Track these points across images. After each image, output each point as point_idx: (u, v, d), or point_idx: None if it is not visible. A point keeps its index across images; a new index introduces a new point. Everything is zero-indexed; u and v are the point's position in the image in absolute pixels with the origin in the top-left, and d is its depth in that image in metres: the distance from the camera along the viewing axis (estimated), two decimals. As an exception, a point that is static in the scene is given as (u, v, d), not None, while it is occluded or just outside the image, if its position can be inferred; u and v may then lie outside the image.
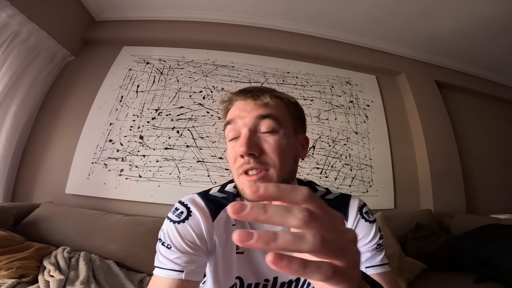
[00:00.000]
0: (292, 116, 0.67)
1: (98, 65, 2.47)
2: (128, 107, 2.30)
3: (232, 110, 0.66)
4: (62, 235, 1.61)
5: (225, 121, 0.66)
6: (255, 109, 0.62)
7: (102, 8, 2.56)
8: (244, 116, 0.62)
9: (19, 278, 1.20)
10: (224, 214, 0.68)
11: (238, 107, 0.65)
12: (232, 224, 0.68)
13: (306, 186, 0.75)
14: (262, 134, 0.61)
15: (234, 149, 0.62)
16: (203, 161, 2.20)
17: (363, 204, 0.73)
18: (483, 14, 2.31)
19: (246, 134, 0.59)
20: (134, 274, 1.52)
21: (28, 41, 2.01)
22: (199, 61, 2.56)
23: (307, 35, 2.77)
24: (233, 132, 0.63)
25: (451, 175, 2.57)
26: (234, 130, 0.63)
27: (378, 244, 0.68)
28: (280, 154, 0.60)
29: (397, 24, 2.56)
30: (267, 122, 0.61)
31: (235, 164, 0.62)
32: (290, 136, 0.64)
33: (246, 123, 0.61)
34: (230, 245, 0.67)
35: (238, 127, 0.63)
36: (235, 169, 0.62)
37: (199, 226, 0.64)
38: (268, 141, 0.60)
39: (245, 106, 0.63)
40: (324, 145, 2.44)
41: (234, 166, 0.62)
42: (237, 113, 0.63)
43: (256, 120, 0.61)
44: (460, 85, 3.06)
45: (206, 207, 0.67)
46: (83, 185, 2.06)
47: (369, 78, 2.85)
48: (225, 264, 0.67)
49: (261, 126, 0.61)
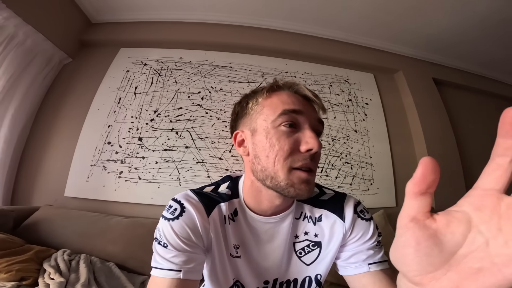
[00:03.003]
0: None
1: (95, 67, 2.46)
2: (126, 109, 2.29)
3: (291, 98, 0.63)
4: (62, 238, 1.60)
5: (289, 108, 0.60)
6: (317, 110, 0.65)
7: (98, 10, 2.55)
8: (310, 112, 0.62)
9: (19, 281, 1.19)
10: (218, 210, 0.67)
11: (300, 100, 0.63)
12: (224, 223, 0.68)
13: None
14: None
15: (292, 139, 0.59)
16: (202, 162, 2.19)
17: (358, 202, 0.73)
18: (478, 11, 2.32)
19: (313, 130, 0.60)
20: (135, 277, 1.51)
21: (24, 43, 1.99)
22: (197, 62, 2.56)
23: (304, 34, 2.77)
24: (294, 120, 0.60)
25: (452, 172, 2.57)
26: (296, 119, 0.60)
27: (378, 241, 0.70)
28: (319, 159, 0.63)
29: (393, 22, 2.57)
30: (321, 127, 0.64)
31: (290, 155, 0.58)
32: None
33: (311, 119, 0.62)
34: (224, 244, 0.67)
35: (301, 119, 0.61)
36: (283, 158, 0.57)
37: (194, 222, 0.63)
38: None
39: (306, 104, 0.64)
40: (324, 143, 2.43)
41: (289, 159, 0.58)
42: (302, 106, 0.62)
43: (317, 121, 0.63)
44: (458, 82, 3.07)
45: (200, 202, 0.66)
46: (82, 187, 2.04)
47: (367, 76, 2.86)
48: (222, 262, 0.67)
49: (317, 129, 0.63)
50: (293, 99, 0.62)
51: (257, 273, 0.70)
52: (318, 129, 0.63)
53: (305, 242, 0.70)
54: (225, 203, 0.68)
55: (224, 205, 0.67)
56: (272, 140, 0.59)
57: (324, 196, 0.73)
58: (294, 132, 0.60)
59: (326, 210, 0.70)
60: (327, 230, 0.69)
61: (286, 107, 0.60)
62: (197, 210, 0.64)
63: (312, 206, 0.71)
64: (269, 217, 0.67)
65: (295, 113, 0.60)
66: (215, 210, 0.67)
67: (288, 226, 0.69)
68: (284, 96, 0.63)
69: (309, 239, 0.70)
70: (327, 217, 0.70)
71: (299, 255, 0.71)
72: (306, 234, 0.70)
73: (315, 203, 0.71)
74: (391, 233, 1.74)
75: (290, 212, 0.69)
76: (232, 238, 0.67)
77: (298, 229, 0.70)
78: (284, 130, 0.59)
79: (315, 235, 0.70)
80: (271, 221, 0.67)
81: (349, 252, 0.68)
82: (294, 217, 0.70)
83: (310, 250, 0.70)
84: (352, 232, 0.68)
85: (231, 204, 0.69)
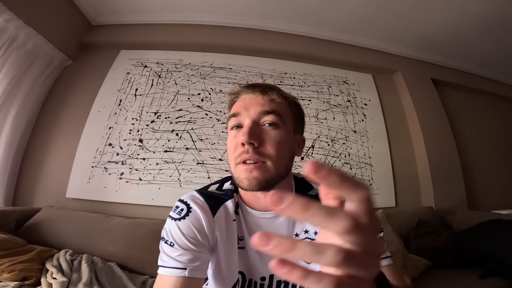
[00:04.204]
0: (293, 115, 0.70)
1: (95, 69, 2.48)
2: (127, 110, 2.31)
3: (238, 102, 0.68)
4: (64, 238, 1.61)
5: (230, 114, 0.68)
6: (261, 103, 0.65)
7: (98, 12, 2.57)
8: (249, 109, 0.64)
9: (22, 281, 1.20)
10: (224, 209, 0.69)
11: (244, 101, 0.67)
12: (232, 219, 0.69)
13: (300, 181, 0.75)
14: (264, 127, 0.63)
15: (236, 138, 0.63)
16: (203, 163, 2.20)
17: None
18: (475, 11, 2.34)
19: (249, 124, 0.62)
20: (136, 276, 1.51)
21: (25, 45, 2.01)
22: (196, 64, 2.57)
23: (303, 36, 2.79)
24: (236, 122, 0.65)
25: (451, 171, 2.58)
26: (238, 120, 0.65)
27: (379, 237, 0.68)
28: (278, 148, 0.62)
29: (391, 23, 2.59)
30: (270, 117, 0.63)
31: (234, 153, 0.63)
32: (290, 134, 0.67)
33: (251, 115, 0.63)
34: (231, 240, 0.68)
35: (242, 118, 0.64)
36: (233, 158, 0.63)
37: (200, 221, 0.65)
38: (269, 134, 0.62)
39: (251, 99, 0.66)
40: (323, 144, 2.45)
41: (233, 155, 0.63)
42: (243, 105, 0.66)
43: (260, 114, 0.63)
44: (456, 82, 3.09)
45: (205, 203, 0.68)
46: (83, 189, 2.05)
47: (366, 77, 2.87)
48: (228, 259, 0.68)
49: (264, 120, 0.63)
50: (238, 103, 0.68)
51: (254, 268, 0.70)
52: (263, 120, 0.63)
53: (306, 240, 0.70)
54: (231, 200, 0.70)
55: (230, 202, 0.70)
56: (227, 142, 0.68)
57: None
58: (238, 131, 0.65)
59: None
60: None
61: (230, 113, 0.68)
62: (203, 211, 0.66)
63: None
64: (263, 212, 0.68)
65: (235, 116, 0.65)
66: (220, 209, 0.68)
67: (284, 222, 0.69)
68: (236, 104, 0.69)
69: (310, 237, 0.70)
70: None
71: None
72: (306, 232, 0.70)
73: (316, 200, 0.71)
74: (391, 233, 1.75)
75: None
76: (237, 231, 0.69)
77: (298, 227, 0.70)
78: (231, 132, 0.67)
79: (315, 233, 0.69)
80: (265, 217, 0.68)
81: None
82: None
83: None
84: None
85: (235, 199, 0.71)
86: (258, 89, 0.66)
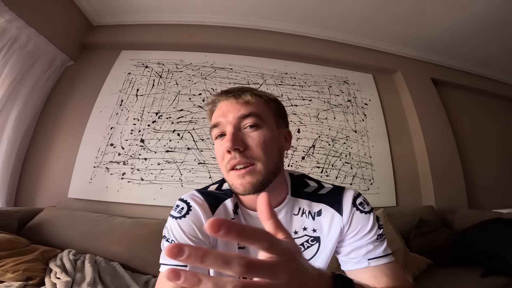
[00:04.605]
0: (273, 111, 0.71)
1: (97, 69, 2.48)
2: (128, 111, 2.31)
3: (216, 112, 0.69)
4: (67, 238, 1.62)
5: (211, 124, 0.68)
6: (237, 108, 0.65)
7: (99, 13, 2.57)
8: (227, 115, 0.64)
9: (26, 281, 1.20)
10: (223, 208, 0.70)
11: (221, 109, 0.67)
12: (231, 218, 0.70)
13: (298, 178, 0.75)
14: (245, 131, 0.63)
15: (221, 147, 0.63)
16: (204, 163, 2.21)
17: (357, 195, 0.72)
18: (476, 11, 2.35)
19: (230, 131, 0.62)
20: (139, 276, 1.52)
21: (27, 46, 2.01)
22: (197, 64, 2.58)
23: (304, 36, 2.79)
24: (219, 131, 0.66)
25: (452, 171, 2.59)
26: (220, 129, 0.65)
27: (379, 235, 0.68)
28: (264, 148, 0.62)
29: (391, 23, 2.60)
30: (250, 119, 0.63)
31: (223, 161, 0.63)
32: (273, 130, 0.67)
33: (230, 121, 0.64)
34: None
35: (223, 126, 0.65)
36: (224, 166, 0.64)
37: (200, 219, 0.66)
38: (252, 136, 0.63)
39: (227, 106, 0.66)
40: (324, 144, 2.45)
41: (223, 164, 0.64)
42: (221, 113, 0.66)
43: (239, 119, 0.64)
44: (456, 82, 3.10)
45: (205, 201, 0.70)
46: (85, 189, 2.06)
47: (366, 77, 2.88)
48: None
49: (245, 124, 0.64)
50: (217, 112, 0.68)
51: None
52: (243, 123, 0.64)
53: (304, 237, 0.71)
54: (230, 199, 0.71)
55: (229, 201, 0.71)
56: (215, 152, 0.69)
57: (323, 190, 0.74)
58: (223, 139, 0.65)
59: (324, 204, 0.71)
60: (326, 225, 0.70)
61: (211, 124, 0.68)
62: (203, 209, 0.68)
63: (310, 201, 0.72)
64: None
65: (216, 126, 0.66)
66: (220, 208, 0.70)
67: (281, 221, 0.69)
68: (214, 113, 0.69)
69: (308, 234, 0.71)
70: (326, 211, 0.70)
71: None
72: (305, 229, 0.71)
73: (313, 198, 0.72)
74: (392, 232, 1.76)
75: (282, 208, 0.70)
76: None
77: (297, 225, 0.71)
78: (216, 142, 0.67)
79: (314, 230, 0.71)
80: None
81: (349, 247, 0.69)
82: (293, 213, 0.71)
83: (309, 245, 0.71)
84: (350, 226, 0.68)
85: (233, 199, 0.72)
86: (231, 94, 0.66)
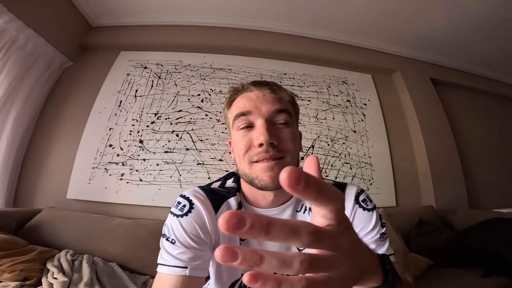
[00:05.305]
0: (296, 112, 0.72)
1: (95, 70, 2.48)
2: (127, 111, 2.31)
3: (243, 100, 0.67)
4: (65, 239, 1.61)
5: (237, 113, 0.65)
6: (272, 102, 0.65)
7: (98, 14, 2.58)
8: (260, 107, 0.64)
9: (23, 281, 1.19)
10: (226, 206, 0.68)
11: (251, 98, 0.66)
12: None
13: None
14: (277, 126, 0.64)
15: (246, 138, 0.63)
16: (203, 163, 2.21)
17: (360, 191, 0.71)
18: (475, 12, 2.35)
19: (264, 124, 0.61)
20: (137, 277, 1.51)
21: (25, 47, 2.01)
22: (196, 65, 2.58)
23: (302, 36, 2.80)
24: (246, 121, 0.64)
25: (451, 171, 2.58)
26: (247, 120, 0.64)
27: (381, 234, 0.67)
28: (294, 144, 0.64)
29: (390, 23, 2.60)
30: (283, 116, 0.64)
31: (247, 153, 0.62)
32: (297, 130, 0.69)
33: (263, 114, 0.63)
34: (234, 238, 0.66)
35: (252, 117, 0.63)
36: (247, 157, 0.62)
37: (202, 218, 0.64)
38: (284, 132, 0.63)
39: (259, 98, 0.65)
40: (323, 144, 2.45)
41: (246, 155, 0.62)
42: (252, 104, 0.64)
43: (273, 113, 0.63)
44: (455, 82, 3.10)
45: (208, 199, 0.67)
46: (84, 190, 2.05)
47: (365, 77, 2.88)
48: None
49: (277, 119, 0.64)
50: (244, 102, 0.66)
51: None
52: (276, 119, 0.64)
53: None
54: (234, 198, 0.69)
55: (233, 200, 0.69)
56: (235, 143, 0.66)
57: None
58: (250, 130, 0.64)
59: None
60: None
61: (237, 112, 0.66)
62: (205, 207, 0.65)
63: None
64: (268, 209, 0.68)
65: (244, 115, 0.64)
66: (223, 206, 0.67)
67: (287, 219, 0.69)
68: (239, 101, 0.68)
69: None
70: None
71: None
72: None
73: None
74: (392, 232, 1.75)
75: (290, 205, 0.69)
76: None
77: None
78: (240, 132, 0.65)
79: None
80: (270, 214, 0.67)
81: None
82: (295, 210, 0.70)
83: None
84: (352, 223, 0.66)
85: (237, 197, 0.70)
86: (266, 87, 0.66)
